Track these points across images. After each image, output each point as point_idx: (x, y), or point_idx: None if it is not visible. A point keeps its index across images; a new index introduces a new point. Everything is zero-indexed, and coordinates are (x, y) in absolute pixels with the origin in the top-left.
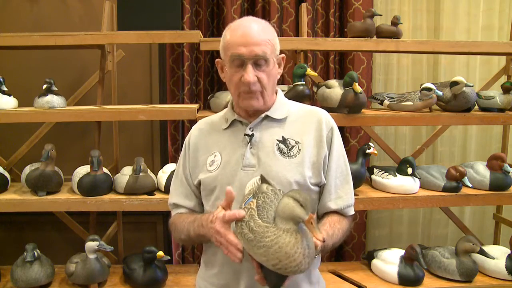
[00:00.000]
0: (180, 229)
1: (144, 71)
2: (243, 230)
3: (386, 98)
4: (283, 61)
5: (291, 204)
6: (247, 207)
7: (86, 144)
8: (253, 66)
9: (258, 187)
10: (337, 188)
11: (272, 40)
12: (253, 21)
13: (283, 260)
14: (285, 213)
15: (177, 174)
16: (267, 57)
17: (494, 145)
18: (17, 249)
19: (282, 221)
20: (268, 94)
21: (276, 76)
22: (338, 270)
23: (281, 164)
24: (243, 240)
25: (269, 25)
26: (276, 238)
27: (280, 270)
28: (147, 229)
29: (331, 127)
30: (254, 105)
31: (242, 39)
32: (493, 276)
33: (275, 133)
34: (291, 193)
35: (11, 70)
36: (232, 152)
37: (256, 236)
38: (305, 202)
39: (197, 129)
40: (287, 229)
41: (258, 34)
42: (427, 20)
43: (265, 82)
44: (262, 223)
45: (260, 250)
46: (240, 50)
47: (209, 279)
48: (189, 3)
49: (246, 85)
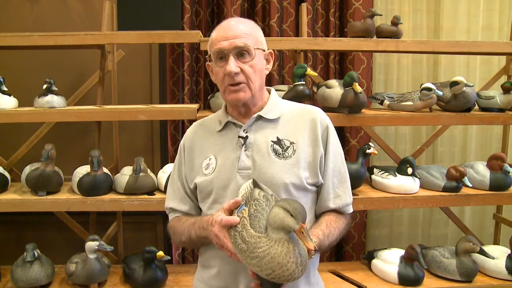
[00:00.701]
0: (180, 232)
1: (144, 71)
2: (236, 240)
3: (386, 98)
4: (271, 56)
5: (281, 215)
6: (239, 215)
7: (86, 144)
8: (235, 58)
9: (251, 193)
10: (335, 187)
11: (253, 33)
12: (233, 19)
13: (276, 270)
14: (276, 223)
15: (172, 178)
16: (248, 48)
17: (494, 145)
18: (17, 249)
19: (273, 231)
20: (255, 87)
21: (262, 70)
22: (338, 270)
23: (277, 166)
24: (237, 249)
25: (251, 22)
26: (268, 249)
27: (274, 279)
28: (147, 229)
29: (326, 126)
30: (240, 98)
31: (222, 33)
32: (493, 276)
33: (269, 134)
34: (281, 203)
35: (11, 70)
36: (227, 155)
37: (248, 246)
38: (295, 211)
39: (191, 132)
40: (278, 239)
41: (236, 27)
42: (427, 20)
43: (249, 73)
44: (254, 233)
45: (253, 261)
46: (221, 45)
47: (208, 281)
48: (189, 3)
49: (229, 75)
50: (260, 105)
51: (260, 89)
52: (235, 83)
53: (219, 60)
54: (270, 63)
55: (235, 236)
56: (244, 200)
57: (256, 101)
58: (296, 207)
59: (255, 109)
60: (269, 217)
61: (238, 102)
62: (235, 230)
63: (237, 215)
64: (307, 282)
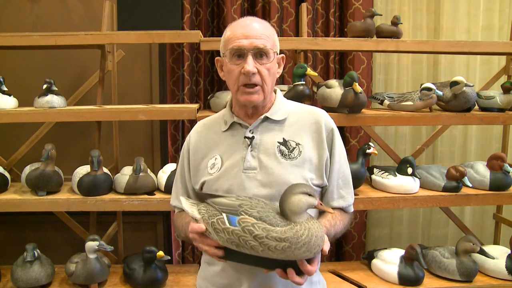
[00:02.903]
0: (179, 229)
1: (144, 71)
2: (270, 243)
3: (386, 98)
4: (283, 61)
5: (303, 198)
6: (247, 222)
7: (86, 144)
8: (253, 58)
9: (230, 203)
10: (339, 189)
11: (272, 36)
12: (253, 19)
13: (321, 243)
14: (302, 208)
15: (176, 177)
16: (268, 50)
17: (494, 145)
18: (17, 249)
19: (298, 216)
20: (268, 90)
21: (275, 74)
22: (338, 270)
23: (283, 167)
24: (277, 252)
25: (269, 24)
26: (309, 231)
27: (317, 253)
28: (147, 229)
29: (331, 129)
30: (253, 100)
31: (243, 31)
32: (493, 276)
33: (275, 135)
34: (296, 189)
35: (11, 70)
36: (232, 155)
37: (291, 241)
38: (311, 190)
39: (195, 132)
40: (306, 219)
41: (258, 28)
42: (427, 20)
43: (265, 75)
44: (282, 228)
45: (301, 250)
46: (240, 42)
47: (211, 279)
48: (189, 3)
49: (247, 75)
50: (267, 107)
51: (271, 91)
52: (250, 84)
53: (235, 58)
54: (281, 67)
55: (263, 243)
56: (219, 212)
57: (266, 103)
58: (309, 187)
59: (263, 111)
60: (291, 207)
61: (250, 104)
62: (258, 239)
63: (242, 224)
64: (310, 281)
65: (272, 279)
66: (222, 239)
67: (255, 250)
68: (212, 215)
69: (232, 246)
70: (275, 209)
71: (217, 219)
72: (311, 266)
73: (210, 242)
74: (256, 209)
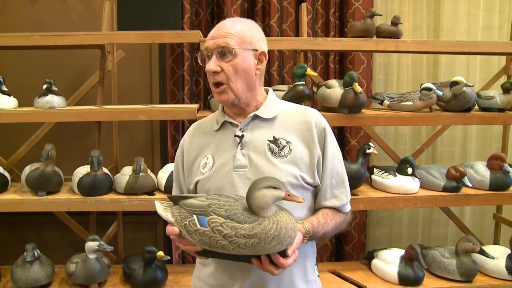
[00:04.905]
0: None
1: (144, 71)
2: (239, 241)
3: (386, 98)
4: (265, 57)
5: (267, 193)
6: (216, 222)
7: (86, 144)
8: (217, 57)
9: (199, 204)
10: (332, 188)
11: (242, 33)
12: (229, 19)
13: (292, 235)
14: (267, 202)
15: (174, 177)
16: (230, 48)
17: (494, 145)
18: (17, 249)
19: (266, 210)
20: (237, 87)
21: (249, 70)
22: (338, 270)
23: (273, 165)
24: (248, 249)
25: (247, 22)
26: (277, 224)
27: (289, 244)
28: (147, 229)
29: (323, 128)
30: (223, 100)
31: (211, 33)
32: (493, 276)
33: (265, 133)
34: (259, 184)
35: (11, 70)
36: (223, 154)
37: (260, 237)
38: (276, 183)
39: (189, 135)
40: (275, 212)
41: (225, 27)
42: (427, 20)
43: (229, 73)
44: (250, 224)
45: (271, 243)
46: (207, 43)
47: (205, 279)
48: (189, 3)
49: (208, 73)
50: (255, 105)
51: (249, 89)
52: (215, 83)
53: (207, 59)
54: (263, 63)
55: (233, 241)
56: (190, 215)
57: (248, 101)
58: (274, 180)
59: (250, 109)
60: (256, 203)
61: (223, 103)
62: (228, 238)
63: (212, 224)
64: (305, 280)
65: (264, 279)
66: (195, 240)
67: (226, 249)
68: (184, 217)
69: (205, 246)
70: (244, 205)
71: (189, 221)
72: (284, 259)
73: (187, 242)
74: (224, 207)
